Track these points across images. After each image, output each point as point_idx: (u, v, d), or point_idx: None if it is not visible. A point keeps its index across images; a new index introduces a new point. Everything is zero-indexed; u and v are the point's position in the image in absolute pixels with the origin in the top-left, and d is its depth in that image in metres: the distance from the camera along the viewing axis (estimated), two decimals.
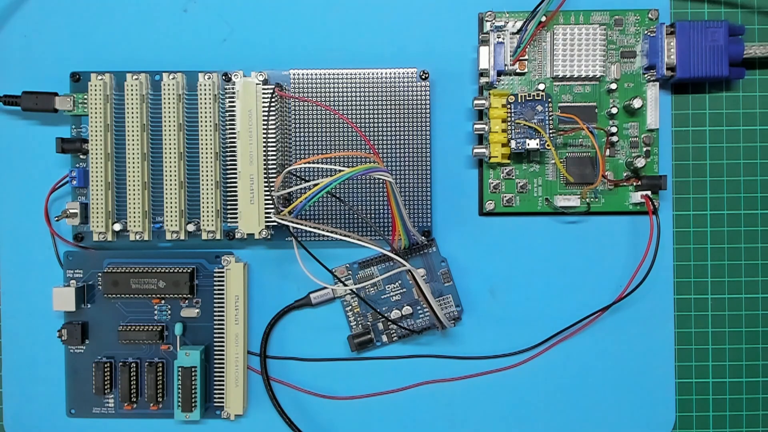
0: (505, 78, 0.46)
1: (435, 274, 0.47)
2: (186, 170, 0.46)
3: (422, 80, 0.46)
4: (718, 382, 0.48)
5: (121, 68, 0.46)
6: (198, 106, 0.45)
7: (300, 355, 0.48)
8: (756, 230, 0.48)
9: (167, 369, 0.46)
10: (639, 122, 0.46)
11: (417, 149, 0.46)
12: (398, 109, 0.46)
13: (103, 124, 0.44)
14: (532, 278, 0.47)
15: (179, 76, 0.45)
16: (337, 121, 0.46)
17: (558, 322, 0.47)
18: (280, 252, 0.48)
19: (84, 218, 0.46)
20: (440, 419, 0.48)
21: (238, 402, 0.46)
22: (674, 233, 0.48)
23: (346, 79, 0.46)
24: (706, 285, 0.48)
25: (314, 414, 0.48)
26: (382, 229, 0.46)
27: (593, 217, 0.47)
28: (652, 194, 0.45)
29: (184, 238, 0.46)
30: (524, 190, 0.47)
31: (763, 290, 0.48)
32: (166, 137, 0.45)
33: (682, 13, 0.48)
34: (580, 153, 0.47)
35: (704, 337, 0.48)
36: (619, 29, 0.46)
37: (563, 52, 0.46)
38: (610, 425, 0.47)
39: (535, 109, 0.44)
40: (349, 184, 0.46)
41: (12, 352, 0.48)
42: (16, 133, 0.48)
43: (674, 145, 0.48)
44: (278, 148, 0.44)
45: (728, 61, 0.45)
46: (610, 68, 0.46)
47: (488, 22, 0.46)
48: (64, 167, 0.47)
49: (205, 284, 0.46)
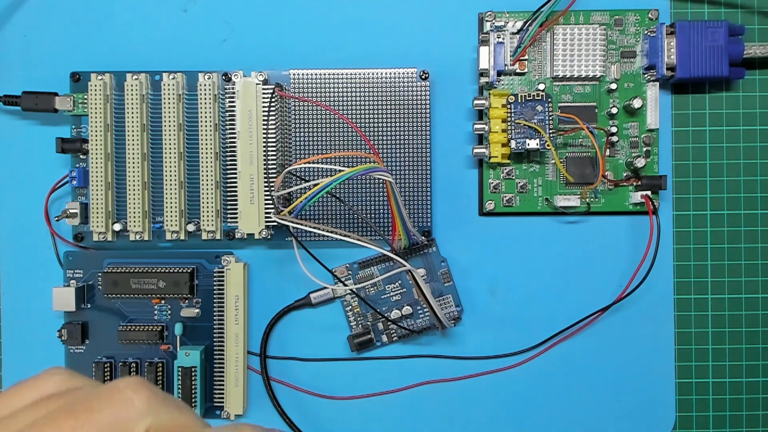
0: (505, 78, 0.46)
1: (435, 274, 0.47)
2: (186, 170, 0.46)
3: (422, 80, 0.46)
4: (718, 382, 0.48)
5: (121, 68, 0.46)
6: (198, 106, 0.45)
7: (300, 355, 0.48)
8: (756, 230, 0.48)
9: (167, 369, 0.46)
10: (639, 122, 0.46)
11: (417, 149, 0.46)
12: (398, 109, 0.46)
13: (103, 124, 0.44)
14: (532, 278, 0.47)
15: (179, 76, 0.45)
16: (337, 121, 0.46)
17: (558, 322, 0.47)
18: (280, 252, 0.48)
19: (84, 218, 0.46)
20: (440, 419, 0.48)
21: (238, 402, 0.46)
22: (674, 233, 0.48)
23: (346, 79, 0.46)
24: (706, 285, 0.48)
25: (314, 414, 0.48)
26: (382, 229, 0.46)
27: (593, 217, 0.47)
28: (652, 194, 0.45)
29: (184, 238, 0.46)
30: (524, 190, 0.47)
31: (763, 290, 0.48)
32: (166, 137, 0.45)
33: (682, 13, 0.48)
34: (580, 153, 0.47)
35: (704, 337, 0.48)
36: (619, 29, 0.46)
37: (563, 52, 0.46)
38: (610, 425, 0.47)
39: (535, 109, 0.44)
40: (349, 184, 0.46)
41: (12, 352, 0.48)
42: (16, 133, 0.48)
43: (674, 145, 0.48)
44: (278, 148, 0.44)
45: (728, 61, 0.45)
46: (610, 68, 0.46)
47: (488, 22, 0.46)
48: (64, 167, 0.47)
49: (205, 284, 0.46)
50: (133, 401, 0.21)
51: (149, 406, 0.22)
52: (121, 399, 0.21)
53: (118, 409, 0.21)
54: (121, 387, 0.22)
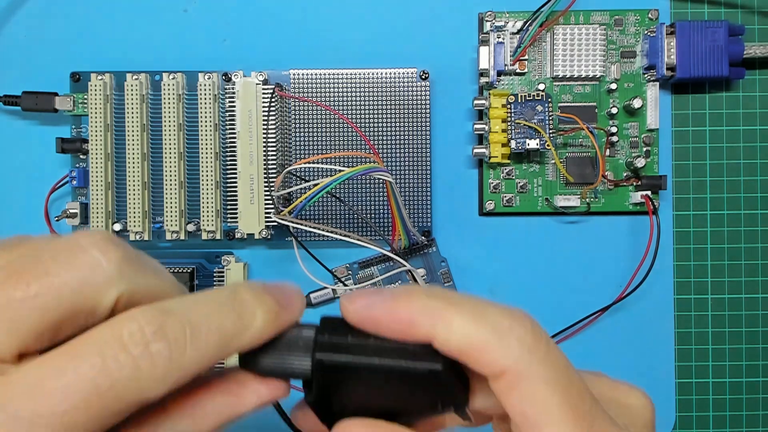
0: (505, 78, 0.46)
1: (435, 274, 0.47)
2: (186, 170, 0.46)
3: (422, 80, 0.46)
4: (718, 382, 0.48)
5: (121, 68, 0.46)
6: (198, 106, 0.45)
7: None
8: (756, 230, 0.48)
9: None
10: (639, 122, 0.46)
11: (417, 149, 0.46)
12: (398, 109, 0.46)
13: (103, 124, 0.44)
14: (532, 278, 0.47)
15: (179, 76, 0.45)
16: (337, 121, 0.46)
17: (558, 322, 0.47)
18: (280, 252, 0.48)
19: (84, 218, 0.46)
20: None
21: None
22: (674, 233, 0.48)
23: (346, 79, 0.46)
24: (706, 285, 0.48)
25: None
26: (382, 229, 0.46)
27: (593, 217, 0.47)
28: (652, 194, 0.45)
29: (184, 238, 0.46)
30: (524, 190, 0.47)
31: (763, 290, 0.48)
32: (166, 137, 0.45)
33: (682, 13, 0.48)
34: (580, 153, 0.47)
35: (704, 337, 0.48)
36: (619, 29, 0.46)
37: (563, 52, 0.46)
38: None
39: (535, 109, 0.44)
40: (349, 184, 0.46)
41: None
42: (16, 133, 0.48)
43: (674, 145, 0.48)
44: (278, 148, 0.44)
45: (728, 61, 0.45)
46: (610, 68, 0.46)
47: (488, 22, 0.46)
48: (64, 167, 0.47)
49: (205, 284, 0.46)
50: (101, 263, 0.17)
51: (120, 270, 0.17)
52: (86, 260, 0.17)
53: (83, 273, 0.17)
54: (84, 245, 0.17)
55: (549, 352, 0.20)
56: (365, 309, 0.20)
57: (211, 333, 0.18)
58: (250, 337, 0.19)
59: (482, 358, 0.19)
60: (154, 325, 0.17)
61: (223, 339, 0.18)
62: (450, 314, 0.19)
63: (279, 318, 0.20)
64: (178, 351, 0.17)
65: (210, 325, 0.18)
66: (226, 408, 0.20)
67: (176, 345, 0.17)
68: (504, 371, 0.19)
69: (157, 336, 0.17)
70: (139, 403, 0.17)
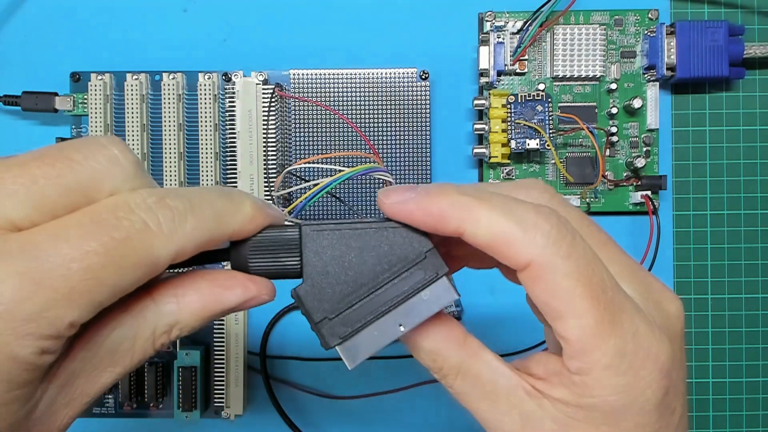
0: (505, 78, 0.46)
1: None
2: (186, 170, 0.46)
3: (422, 80, 0.46)
4: (718, 382, 0.48)
5: (121, 68, 0.46)
6: (198, 106, 0.45)
7: (300, 355, 0.48)
8: (756, 230, 0.48)
9: (167, 369, 0.46)
10: (639, 122, 0.46)
11: (417, 149, 0.46)
12: (398, 109, 0.46)
13: (103, 124, 0.44)
14: None
15: (179, 76, 0.45)
16: (337, 121, 0.46)
17: None
18: None
19: None
20: (440, 419, 0.47)
21: (238, 402, 0.46)
22: (674, 233, 0.48)
23: (346, 79, 0.46)
24: (706, 285, 0.48)
25: (314, 414, 0.48)
26: None
27: (593, 217, 0.47)
28: (652, 194, 0.45)
29: None
30: None
31: (763, 290, 0.48)
32: (166, 137, 0.45)
33: (682, 13, 0.48)
34: (580, 153, 0.47)
35: (704, 337, 0.48)
36: (619, 29, 0.46)
37: (563, 52, 0.46)
38: None
39: (535, 109, 0.44)
40: (349, 184, 0.46)
41: None
42: (16, 133, 0.48)
43: (674, 145, 0.48)
44: (278, 148, 0.44)
45: (728, 61, 0.45)
46: (610, 68, 0.46)
47: (488, 22, 0.46)
48: None
49: None
50: (119, 160, 0.19)
51: (135, 170, 0.19)
52: (107, 154, 0.19)
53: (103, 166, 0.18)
54: (104, 143, 0.19)
55: (573, 245, 0.21)
56: (400, 203, 0.22)
57: (208, 208, 0.20)
58: (241, 219, 0.21)
59: (508, 250, 0.21)
60: (156, 197, 0.19)
61: (218, 215, 0.20)
62: (479, 209, 0.21)
63: (264, 210, 0.22)
64: (180, 216, 0.19)
65: (205, 202, 0.20)
66: (211, 296, 0.21)
67: (178, 212, 0.19)
68: (529, 263, 0.21)
69: (159, 204, 0.19)
70: (149, 264, 0.18)
